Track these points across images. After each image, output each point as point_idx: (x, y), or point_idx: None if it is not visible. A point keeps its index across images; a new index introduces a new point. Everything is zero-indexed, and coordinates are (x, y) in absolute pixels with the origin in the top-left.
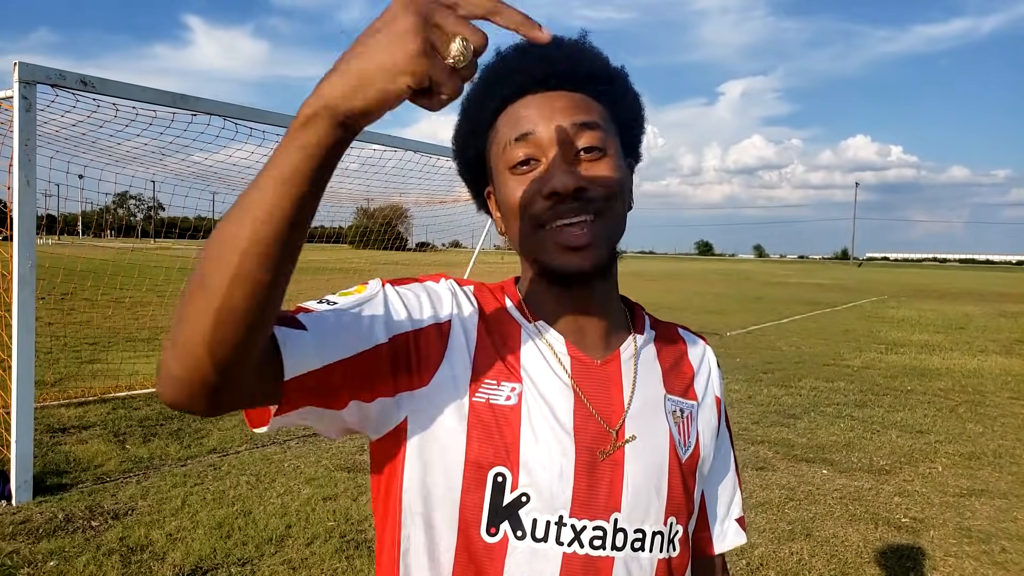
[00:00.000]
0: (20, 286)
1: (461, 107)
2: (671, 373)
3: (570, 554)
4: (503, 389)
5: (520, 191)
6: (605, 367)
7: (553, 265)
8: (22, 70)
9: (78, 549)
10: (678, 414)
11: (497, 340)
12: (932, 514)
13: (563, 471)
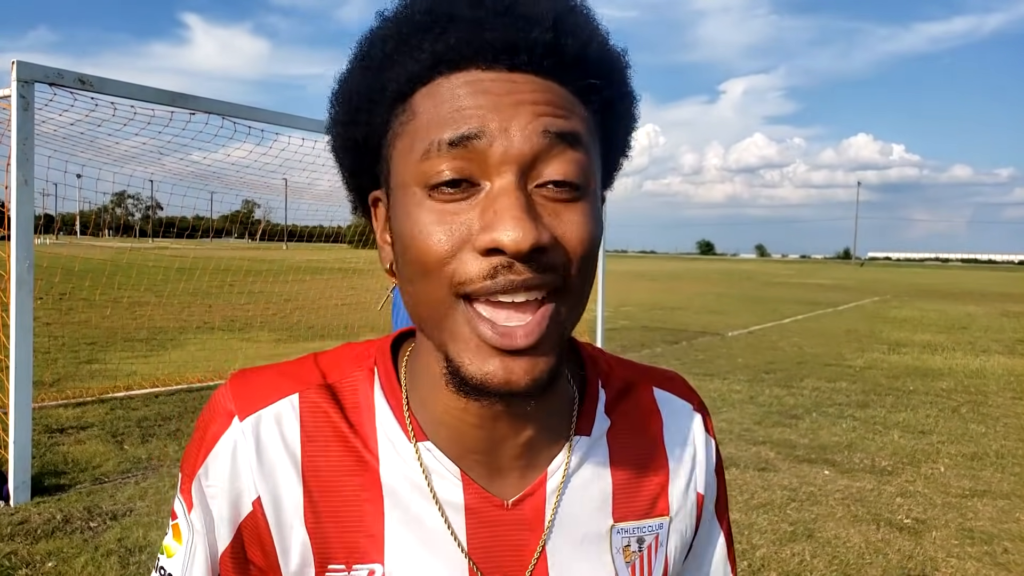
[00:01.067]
0: (18, 286)
1: (356, 54)
2: (628, 486)
3: None
4: (363, 568)
5: (438, 231)
6: (520, 510)
7: (468, 371)
8: (20, 69)
9: (76, 550)
10: (633, 549)
11: (343, 490)
12: (934, 515)
13: None
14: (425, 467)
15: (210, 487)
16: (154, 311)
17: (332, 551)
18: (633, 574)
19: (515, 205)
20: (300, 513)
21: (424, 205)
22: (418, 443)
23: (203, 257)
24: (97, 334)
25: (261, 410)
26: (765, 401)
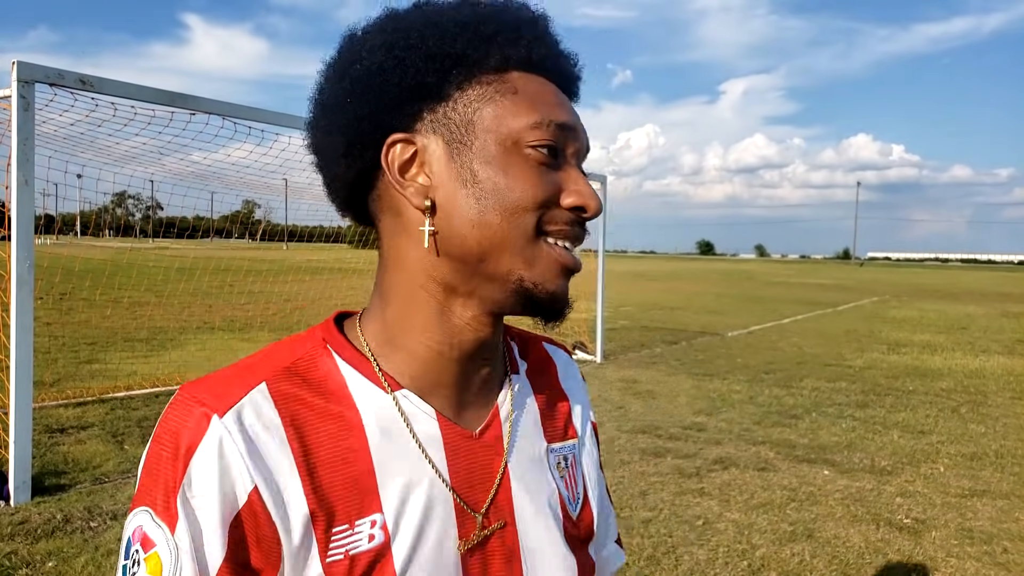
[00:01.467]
0: (18, 286)
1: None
2: (548, 415)
3: None
4: (361, 530)
5: (539, 182)
6: (485, 438)
7: (547, 287)
8: (20, 69)
9: (76, 550)
10: (562, 466)
11: (334, 457)
12: (934, 515)
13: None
14: (404, 412)
15: (195, 497)
16: (154, 311)
17: (335, 515)
18: (566, 486)
19: (589, 185)
20: (299, 489)
21: (523, 159)
22: (395, 392)
23: (203, 257)
24: (97, 334)
25: (237, 403)
26: (765, 401)
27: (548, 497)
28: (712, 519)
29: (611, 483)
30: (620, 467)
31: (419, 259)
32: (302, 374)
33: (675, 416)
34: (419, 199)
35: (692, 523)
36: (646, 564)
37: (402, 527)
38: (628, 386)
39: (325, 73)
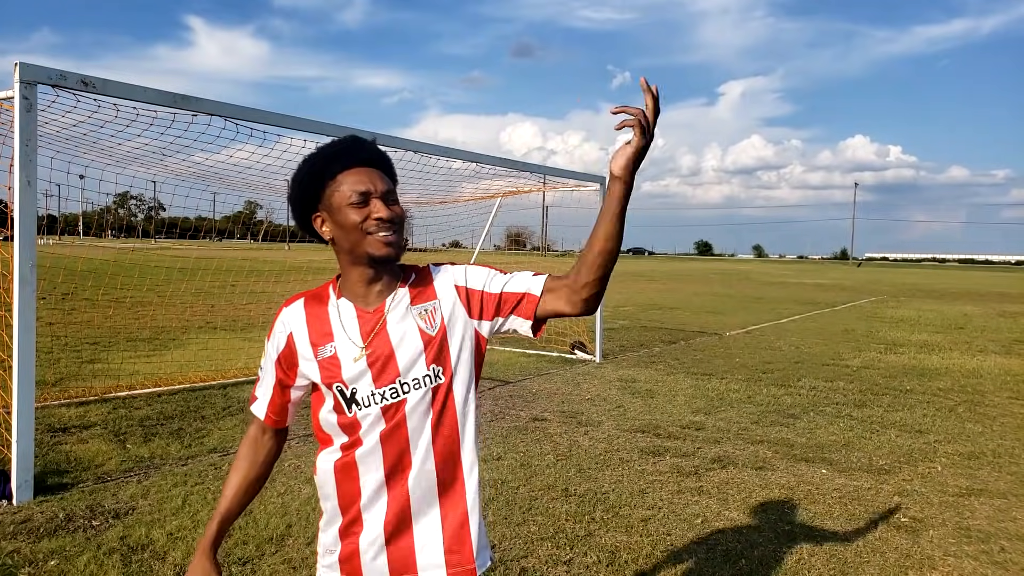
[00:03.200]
0: (21, 286)
1: (307, 165)
2: (417, 295)
3: (384, 406)
4: (326, 348)
5: (357, 217)
6: (377, 312)
7: (375, 254)
8: (23, 70)
9: (79, 548)
10: (422, 312)
11: (319, 320)
12: (931, 514)
13: (364, 368)
14: (341, 305)
15: (273, 336)
16: (157, 311)
17: (317, 344)
18: (425, 322)
19: (380, 205)
20: (306, 335)
21: (352, 209)
22: (338, 300)
23: (205, 258)
24: (100, 334)
25: (291, 304)
26: (763, 400)
27: (407, 325)
28: (710, 518)
29: (610, 482)
30: (619, 466)
31: (337, 251)
32: (318, 294)
33: (674, 415)
34: (326, 235)
35: (691, 522)
36: (645, 563)
37: (339, 346)
38: (627, 385)
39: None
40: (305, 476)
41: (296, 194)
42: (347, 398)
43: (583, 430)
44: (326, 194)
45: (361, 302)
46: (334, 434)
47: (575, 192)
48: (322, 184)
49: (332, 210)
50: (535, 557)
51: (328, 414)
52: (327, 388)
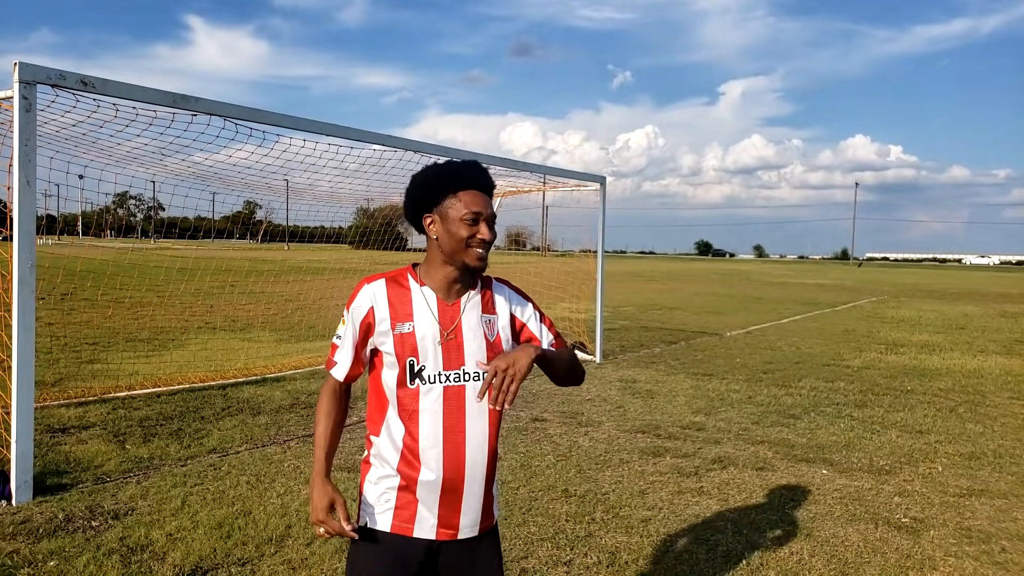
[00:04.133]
0: (20, 286)
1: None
2: (485, 303)
3: (447, 386)
4: (404, 325)
5: (467, 232)
6: (455, 306)
7: (470, 264)
8: (22, 70)
9: (78, 549)
10: (487, 321)
11: (400, 300)
12: (932, 514)
13: (437, 352)
14: (424, 292)
15: (355, 307)
16: (156, 311)
17: (396, 320)
18: (488, 328)
19: (485, 227)
20: (386, 312)
21: (463, 224)
22: (421, 287)
23: (205, 258)
24: (99, 334)
25: (373, 282)
26: (763, 401)
27: (477, 327)
28: (711, 518)
29: (610, 482)
30: (619, 466)
31: (434, 248)
32: (399, 276)
33: (674, 416)
34: (432, 234)
35: (691, 522)
36: (645, 563)
37: (418, 326)
38: (627, 386)
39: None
40: (305, 477)
41: (417, 194)
42: (413, 372)
43: (583, 430)
44: (445, 203)
45: (443, 294)
46: (391, 399)
47: (575, 192)
48: (444, 194)
49: (446, 218)
50: (535, 557)
51: (391, 381)
52: (397, 360)
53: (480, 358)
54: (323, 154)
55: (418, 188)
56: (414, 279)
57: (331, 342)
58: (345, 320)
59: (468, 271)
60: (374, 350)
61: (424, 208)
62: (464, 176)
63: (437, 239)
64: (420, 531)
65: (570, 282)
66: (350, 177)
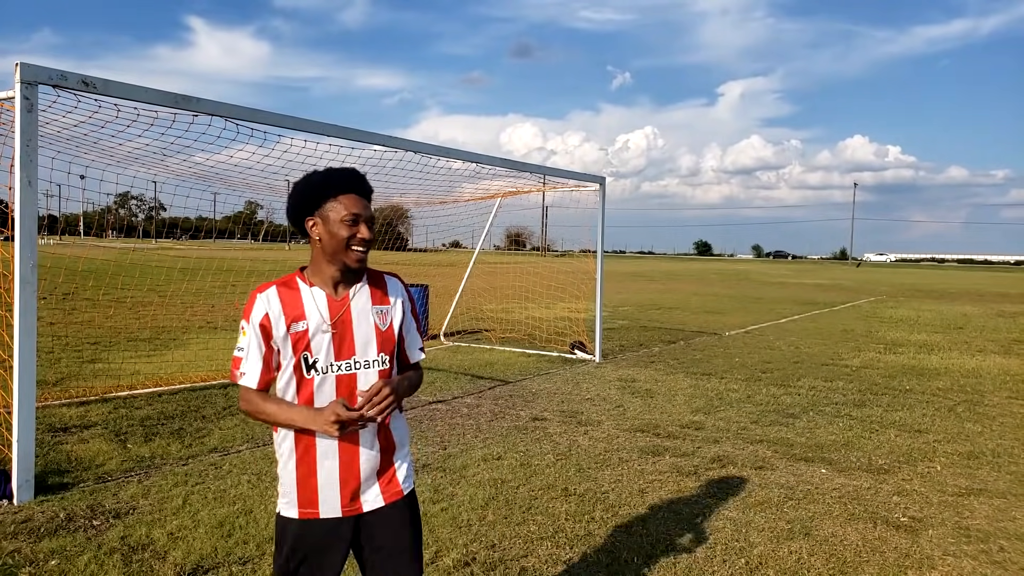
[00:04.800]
0: (22, 286)
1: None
2: (375, 295)
3: (339, 375)
4: (299, 324)
5: (347, 233)
6: (343, 300)
7: (350, 264)
8: (24, 71)
9: (79, 548)
10: (379, 311)
11: (292, 302)
12: (931, 513)
13: (329, 344)
14: (314, 292)
15: (253, 316)
16: (157, 311)
17: (291, 321)
18: (380, 320)
19: (363, 227)
20: (280, 315)
21: (343, 225)
22: (311, 288)
23: (206, 257)
24: (100, 334)
25: (265, 290)
26: (762, 400)
27: (367, 318)
28: (710, 517)
29: (610, 481)
30: (619, 465)
31: (317, 249)
32: (288, 280)
33: (673, 415)
34: (315, 235)
35: (690, 521)
36: (644, 562)
37: (310, 324)
38: (626, 385)
39: (291, 193)
40: None
41: (300, 197)
42: (308, 365)
43: (583, 430)
44: (326, 206)
45: (331, 291)
46: (290, 396)
47: (575, 192)
48: (325, 198)
49: (327, 220)
50: (535, 557)
51: (288, 375)
52: (294, 355)
53: (371, 347)
54: (324, 155)
55: (301, 192)
56: (303, 281)
57: (233, 356)
58: (245, 331)
59: (351, 270)
60: (277, 350)
61: (306, 211)
62: (344, 181)
63: (320, 240)
64: (326, 511)
65: (570, 282)
66: None
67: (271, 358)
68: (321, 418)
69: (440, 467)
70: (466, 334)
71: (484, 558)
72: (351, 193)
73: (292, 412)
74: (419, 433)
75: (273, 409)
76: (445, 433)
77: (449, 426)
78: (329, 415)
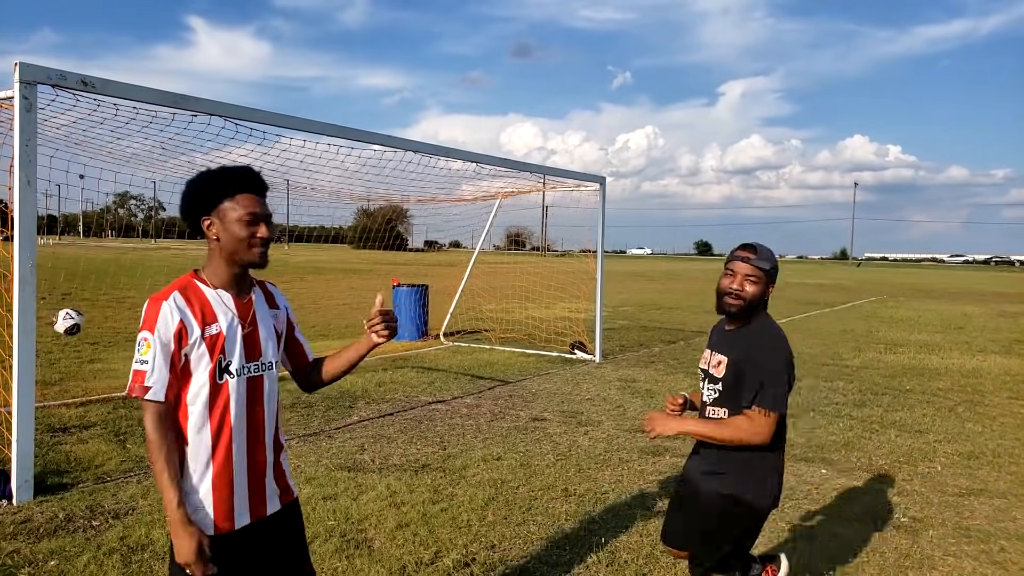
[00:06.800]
0: (21, 286)
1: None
2: (268, 299)
3: (248, 377)
4: (212, 327)
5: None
6: (248, 302)
7: (252, 261)
8: (23, 70)
9: (79, 549)
10: (274, 315)
11: (201, 306)
12: (931, 513)
13: (241, 346)
14: (220, 294)
15: (161, 324)
16: None
17: (204, 324)
18: (276, 322)
19: (263, 226)
20: (192, 320)
21: (242, 224)
22: (215, 290)
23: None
24: (100, 333)
25: (167, 297)
26: None
27: (267, 321)
28: None
29: (610, 482)
30: (619, 465)
31: (216, 249)
32: (188, 284)
33: None
34: (212, 235)
35: None
36: (644, 562)
37: (223, 326)
38: (626, 385)
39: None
40: (305, 476)
41: (193, 197)
42: (222, 368)
43: (583, 430)
44: (223, 206)
45: (235, 292)
46: (200, 403)
47: (575, 192)
48: (221, 197)
49: (225, 220)
50: (535, 557)
51: (201, 381)
52: (210, 359)
53: (271, 348)
54: (323, 154)
55: (195, 192)
56: (204, 284)
57: (133, 370)
58: (150, 342)
59: (252, 268)
60: (185, 360)
61: (202, 211)
62: (239, 179)
63: (218, 239)
64: (240, 521)
65: (570, 282)
66: (350, 177)
67: (178, 369)
68: (187, 544)
69: (440, 467)
70: (466, 334)
71: (484, 558)
72: (247, 192)
73: (166, 497)
74: (419, 433)
75: (166, 474)
76: (445, 433)
77: (449, 426)
78: (189, 554)
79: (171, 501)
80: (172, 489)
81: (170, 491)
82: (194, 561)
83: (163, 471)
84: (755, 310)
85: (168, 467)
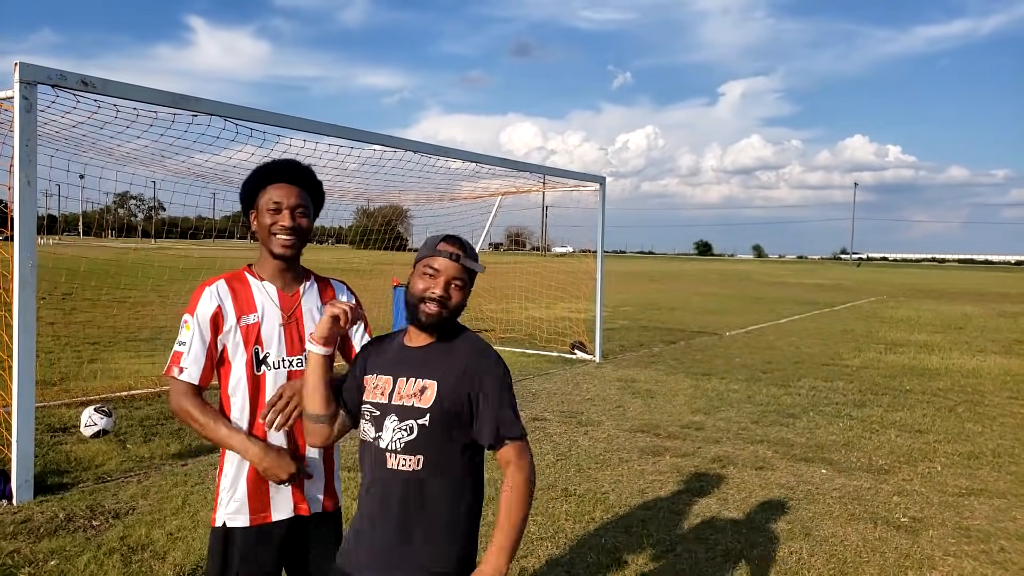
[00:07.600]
0: (21, 286)
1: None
2: (324, 294)
3: (291, 370)
4: (249, 316)
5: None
6: (294, 296)
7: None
8: (23, 70)
9: (79, 548)
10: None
11: (243, 296)
12: (931, 513)
13: (280, 338)
14: (264, 286)
15: (201, 309)
16: (157, 311)
17: (241, 314)
18: None
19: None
20: (230, 308)
21: (268, 213)
22: (261, 282)
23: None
24: (100, 334)
25: (213, 283)
26: (762, 400)
27: (316, 315)
28: (710, 517)
29: (610, 482)
30: (619, 465)
31: (260, 243)
32: (237, 275)
33: (673, 415)
34: (254, 228)
35: (690, 521)
36: (645, 562)
37: (262, 316)
38: (626, 385)
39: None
40: None
41: (242, 194)
42: (259, 360)
43: (583, 430)
44: (259, 199)
45: (280, 285)
46: (240, 394)
47: (575, 192)
48: (258, 190)
49: (259, 211)
50: (535, 557)
51: (239, 371)
52: (245, 350)
53: None
54: (323, 154)
55: (243, 189)
56: (252, 276)
57: (173, 351)
58: (189, 325)
59: (279, 260)
60: (223, 348)
61: (248, 206)
62: (274, 172)
63: (257, 232)
64: (278, 514)
65: (570, 282)
66: (350, 177)
67: (214, 354)
68: (275, 465)
69: None
70: None
71: None
72: (280, 182)
73: (232, 438)
74: None
75: (215, 424)
76: None
77: None
78: (283, 472)
79: (241, 442)
80: (234, 435)
81: (233, 438)
82: (294, 470)
83: (217, 427)
84: (454, 322)
85: (217, 419)
